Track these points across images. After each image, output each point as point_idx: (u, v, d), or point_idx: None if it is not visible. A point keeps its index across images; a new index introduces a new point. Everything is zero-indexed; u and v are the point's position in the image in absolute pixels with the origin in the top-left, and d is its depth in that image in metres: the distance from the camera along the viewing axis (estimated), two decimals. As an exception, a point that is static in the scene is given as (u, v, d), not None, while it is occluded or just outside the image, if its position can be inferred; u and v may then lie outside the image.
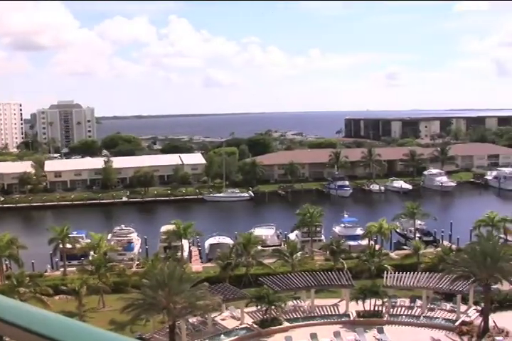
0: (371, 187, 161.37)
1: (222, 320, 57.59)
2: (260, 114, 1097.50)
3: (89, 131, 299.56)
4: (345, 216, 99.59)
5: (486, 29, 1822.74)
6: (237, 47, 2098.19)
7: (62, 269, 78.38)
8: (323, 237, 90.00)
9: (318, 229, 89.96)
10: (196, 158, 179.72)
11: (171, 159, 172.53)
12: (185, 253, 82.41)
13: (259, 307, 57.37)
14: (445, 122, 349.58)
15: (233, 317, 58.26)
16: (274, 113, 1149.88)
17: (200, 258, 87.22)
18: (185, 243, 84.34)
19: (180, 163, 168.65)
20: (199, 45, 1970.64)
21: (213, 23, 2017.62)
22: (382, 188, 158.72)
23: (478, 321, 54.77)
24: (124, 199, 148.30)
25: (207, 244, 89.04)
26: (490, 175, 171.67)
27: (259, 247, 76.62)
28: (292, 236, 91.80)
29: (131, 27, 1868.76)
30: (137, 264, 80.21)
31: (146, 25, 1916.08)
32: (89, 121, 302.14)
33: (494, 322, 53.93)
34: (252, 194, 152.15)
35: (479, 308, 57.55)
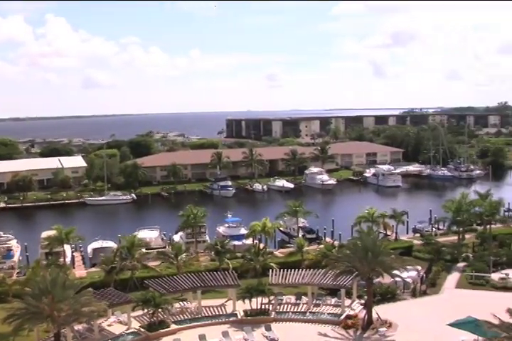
0: (254, 186, 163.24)
1: (109, 325, 56.55)
2: (142, 116, 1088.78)
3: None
4: (229, 216, 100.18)
5: (362, 31, 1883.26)
6: (116, 48, 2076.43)
7: None
8: (207, 238, 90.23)
9: (202, 229, 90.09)
10: (76, 161, 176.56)
11: (50, 162, 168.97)
12: (68, 259, 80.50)
13: (145, 310, 56.79)
14: (325, 122, 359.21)
15: (120, 322, 57.35)
16: (155, 114, 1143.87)
17: (84, 263, 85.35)
18: (67, 248, 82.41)
19: (60, 166, 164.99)
20: (77, 45, 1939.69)
21: (91, 23, 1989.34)
22: (265, 187, 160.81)
23: (362, 314, 56.39)
24: (2, 205, 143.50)
25: (90, 248, 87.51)
26: (368, 173, 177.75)
27: (144, 250, 75.88)
28: (176, 237, 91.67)
29: (6, 26, 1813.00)
30: (18, 272, 77.71)
31: (21, 24, 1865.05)
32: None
33: (377, 314, 55.67)
34: (135, 196, 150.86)
35: (363, 302, 59.15)
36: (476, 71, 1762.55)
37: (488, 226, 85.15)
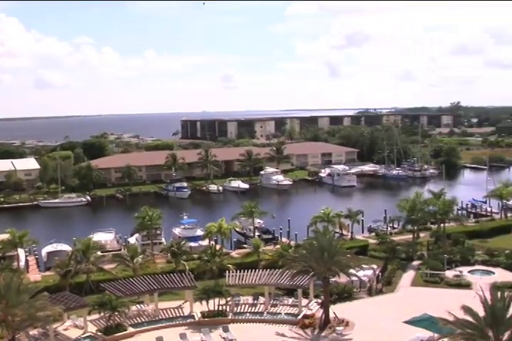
0: (209, 187, 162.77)
1: (65, 330, 55.83)
2: (96, 117, 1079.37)
3: None
4: (185, 217, 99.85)
5: (317, 32, 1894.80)
6: (69, 48, 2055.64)
7: None
8: (163, 240, 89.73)
9: (158, 231, 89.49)
10: (29, 163, 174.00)
11: (3, 165, 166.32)
12: (22, 263, 79.25)
13: (102, 314, 56.27)
14: (280, 122, 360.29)
15: (76, 327, 56.69)
16: (110, 115, 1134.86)
17: (38, 267, 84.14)
18: (21, 252, 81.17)
19: (13, 168, 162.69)
20: (30, 45, 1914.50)
21: (44, 23, 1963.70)
22: (221, 188, 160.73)
23: (320, 313, 56.63)
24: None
25: (44, 252, 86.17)
26: (324, 173, 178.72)
27: (99, 253, 75.10)
28: (132, 239, 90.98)
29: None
30: (-31, 277, 76.31)
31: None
32: None
33: (334, 313, 56.02)
34: (90, 198, 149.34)
35: (320, 301, 59.44)
36: (429, 72, 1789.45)
37: (442, 225, 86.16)
